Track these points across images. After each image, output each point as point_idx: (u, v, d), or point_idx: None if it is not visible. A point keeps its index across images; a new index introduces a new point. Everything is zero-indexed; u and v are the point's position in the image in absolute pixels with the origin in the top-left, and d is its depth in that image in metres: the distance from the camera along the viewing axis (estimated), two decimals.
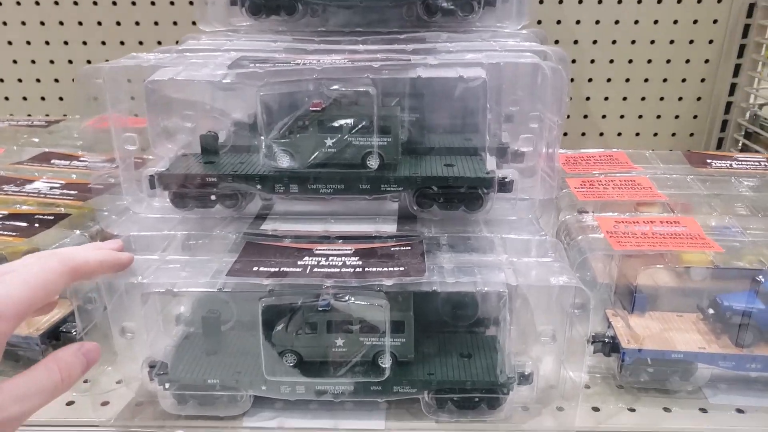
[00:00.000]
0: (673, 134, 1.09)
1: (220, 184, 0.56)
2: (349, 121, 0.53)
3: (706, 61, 1.04)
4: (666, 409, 0.56)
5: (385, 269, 0.49)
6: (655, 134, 1.09)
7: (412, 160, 0.58)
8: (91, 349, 0.43)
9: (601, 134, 1.09)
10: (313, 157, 0.54)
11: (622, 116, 1.08)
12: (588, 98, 1.06)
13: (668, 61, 1.04)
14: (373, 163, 0.55)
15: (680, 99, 1.06)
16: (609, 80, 1.05)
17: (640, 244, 0.53)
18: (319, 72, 0.52)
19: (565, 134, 1.09)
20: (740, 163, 0.74)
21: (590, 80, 1.05)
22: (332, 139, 0.54)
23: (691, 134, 1.09)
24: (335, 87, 0.53)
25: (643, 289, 0.59)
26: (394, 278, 0.48)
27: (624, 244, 0.53)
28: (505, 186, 0.56)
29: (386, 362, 0.52)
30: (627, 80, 1.05)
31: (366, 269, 0.50)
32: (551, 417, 0.55)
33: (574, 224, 0.58)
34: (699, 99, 1.06)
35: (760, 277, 0.54)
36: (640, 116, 1.08)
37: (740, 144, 1.06)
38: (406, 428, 0.54)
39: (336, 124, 0.53)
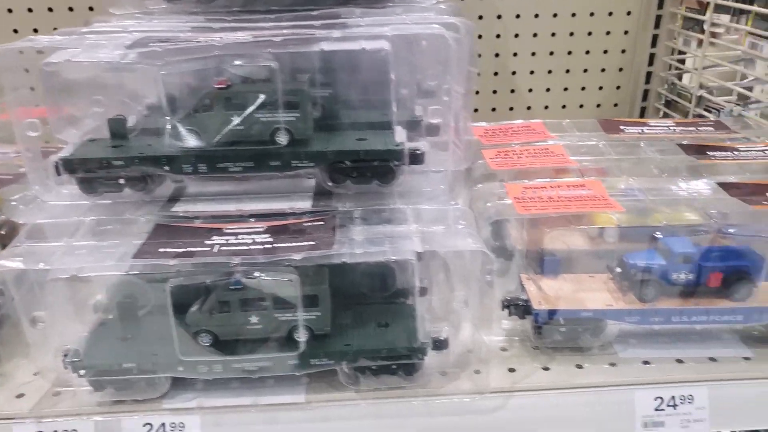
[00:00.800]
0: (598, 105, 1.12)
1: (128, 167, 0.55)
2: (255, 97, 0.53)
3: (626, 32, 1.07)
4: (578, 366, 0.58)
5: (295, 244, 0.50)
6: (581, 106, 1.12)
7: (325, 136, 0.58)
8: None
9: (529, 108, 1.11)
10: (220, 135, 0.54)
11: (548, 89, 1.10)
12: (514, 72, 1.08)
13: (590, 34, 1.06)
14: (282, 139, 0.55)
15: (603, 70, 1.09)
16: (533, 54, 1.07)
17: (544, 208, 0.55)
18: (220, 48, 0.52)
19: (493, 109, 1.10)
20: (651, 128, 0.76)
21: (515, 54, 1.07)
22: (239, 117, 0.53)
23: (615, 104, 1.12)
24: (237, 63, 0.52)
25: (553, 252, 0.62)
26: (303, 253, 0.48)
27: (529, 209, 0.55)
28: (416, 158, 0.57)
29: (301, 336, 0.52)
30: (551, 53, 1.07)
31: (275, 245, 0.50)
32: (468, 380, 0.56)
33: (486, 193, 0.59)
34: (621, 70, 1.10)
35: (658, 233, 0.57)
36: (566, 89, 1.10)
37: (661, 113, 1.10)
38: (326, 399, 0.54)
39: (241, 101, 0.53)
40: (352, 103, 0.61)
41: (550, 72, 1.09)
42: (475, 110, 1.10)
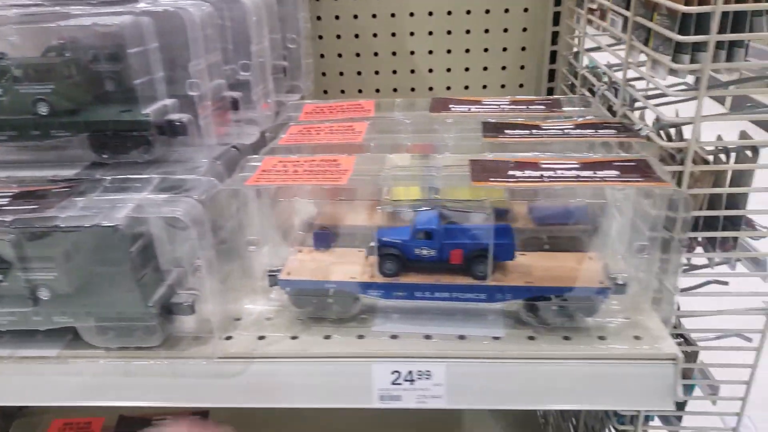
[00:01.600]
0: (503, 86, 1.10)
1: None
2: (13, 68, 0.57)
3: (525, 9, 1.04)
4: (326, 337, 0.59)
5: (21, 208, 0.53)
6: (484, 86, 1.10)
7: (93, 108, 0.61)
8: None
9: (431, 89, 1.10)
10: None
11: (449, 69, 1.09)
12: (412, 52, 1.08)
13: (487, 11, 1.04)
14: (43, 110, 0.58)
15: (504, 49, 1.07)
16: (431, 33, 1.06)
17: (274, 179, 0.56)
18: None
19: (395, 90, 1.10)
20: (482, 107, 0.75)
21: (412, 34, 1.06)
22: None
23: (521, 85, 1.10)
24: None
25: (325, 226, 0.63)
26: (18, 215, 0.52)
27: (259, 180, 0.56)
28: (176, 129, 0.59)
29: (44, 295, 0.56)
30: (449, 32, 1.06)
31: (9, 208, 0.54)
32: (216, 346, 0.58)
33: (249, 166, 0.61)
34: (524, 49, 1.07)
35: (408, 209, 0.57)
36: (467, 69, 1.09)
37: (565, 93, 1.07)
38: (77, 356, 0.58)
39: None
40: (116, 76, 0.62)
41: (449, 52, 1.08)
42: (377, 90, 1.11)
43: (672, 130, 0.68)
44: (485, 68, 1.09)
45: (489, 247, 0.56)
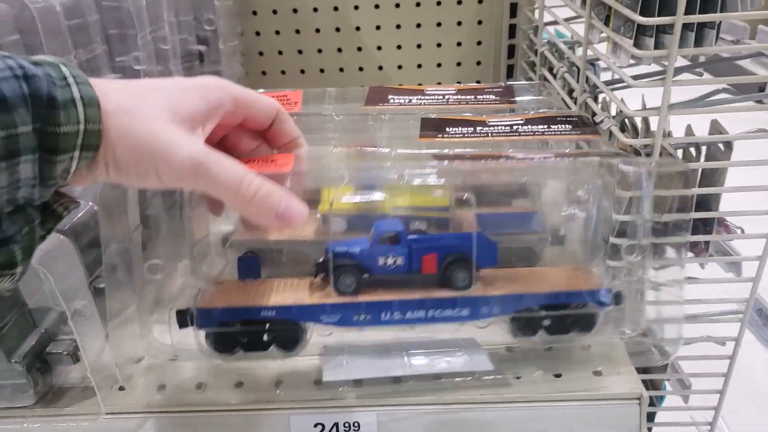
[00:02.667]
0: (458, 63, 1.00)
1: None
2: None
3: None
4: (238, 385, 0.51)
5: None
6: (439, 65, 1.00)
7: None
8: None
9: (380, 68, 1.00)
10: None
11: (399, 47, 0.99)
12: (358, 28, 0.97)
13: None
14: None
15: (459, 24, 0.97)
16: (377, 6, 0.96)
17: None
18: None
19: (341, 69, 1.00)
20: (424, 97, 0.66)
21: (356, 8, 0.96)
22: None
23: (478, 62, 1.00)
24: None
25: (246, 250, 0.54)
26: None
27: None
28: None
29: None
30: (397, 5, 0.96)
31: None
32: (104, 399, 0.50)
33: None
34: (480, 23, 0.97)
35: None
36: (419, 45, 0.99)
37: (523, 72, 0.97)
38: None
39: None
40: None
41: (398, 27, 0.97)
42: (321, 70, 1.00)
43: (638, 120, 0.59)
44: (439, 45, 0.99)
45: (470, 248, 0.47)
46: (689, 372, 0.69)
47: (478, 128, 0.57)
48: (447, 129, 0.57)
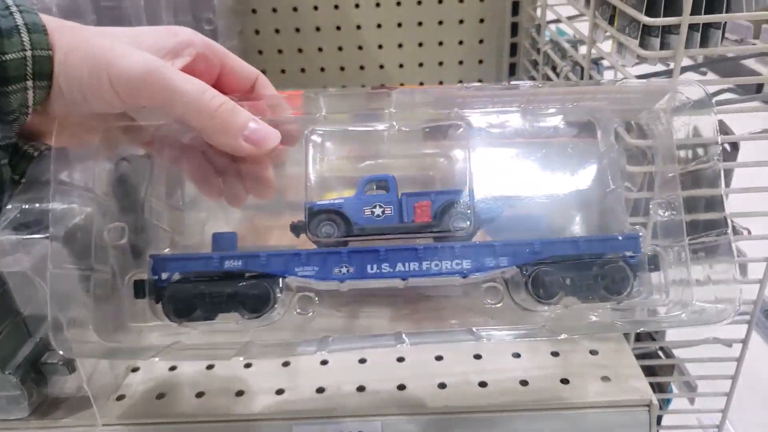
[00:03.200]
0: (460, 62, 0.99)
1: None
2: None
3: None
4: (239, 393, 0.50)
5: None
6: (440, 63, 0.99)
7: None
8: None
9: (382, 67, 0.99)
10: None
11: (400, 45, 0.97)
12: (359, 26, 0.96)
13: None
14: None
15: (461, 22, 0.96)
16: (378, 5, 0.94)
17: None
18: None
19: (342, 68, 0.99)
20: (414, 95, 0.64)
21: (357, 6, 0.94)
22: None
23: (480, 61, 0.99)
24: None
25: None
26: None
27: None
28: None
29: None
30: (398, 3, 0.94)
31: None
32: (102, 409, 0.49)
33: None
34: (482, 21, 0.96)
35: None
36: (420, 44, 0.97)
37: (527, 71, 0.96)
38: None
39: None
40: None
41: (400, 25, 0.96)
42: (322, 69, 0.99)
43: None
44: (440, 43, 0.97)
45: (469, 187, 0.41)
46: (696, 374, 0.68)
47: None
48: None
